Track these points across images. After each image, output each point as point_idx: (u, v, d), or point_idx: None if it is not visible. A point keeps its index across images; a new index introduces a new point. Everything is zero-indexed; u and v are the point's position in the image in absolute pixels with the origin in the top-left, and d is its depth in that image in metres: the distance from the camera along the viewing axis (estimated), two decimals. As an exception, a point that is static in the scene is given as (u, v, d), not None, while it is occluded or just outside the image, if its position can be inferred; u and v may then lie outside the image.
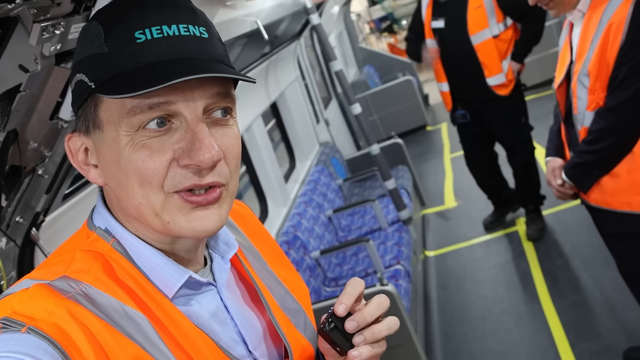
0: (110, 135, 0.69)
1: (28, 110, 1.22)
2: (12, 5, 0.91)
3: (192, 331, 0.73)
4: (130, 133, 0.67)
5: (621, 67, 1.85)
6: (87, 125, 0.72)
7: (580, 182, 2.11)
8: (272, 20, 3.87)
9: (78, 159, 0.75)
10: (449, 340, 3.37)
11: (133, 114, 0.66)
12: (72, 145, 0.75)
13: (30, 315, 0.62)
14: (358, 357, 0.77)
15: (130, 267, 0.72)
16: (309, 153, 5.14)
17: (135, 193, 0.69)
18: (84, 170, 0.75)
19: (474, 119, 3.97)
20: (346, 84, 4.14)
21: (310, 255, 3.52)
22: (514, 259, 3.97)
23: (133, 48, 0.67)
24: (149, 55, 0.67)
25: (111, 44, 0.67)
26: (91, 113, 0.71)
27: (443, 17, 3.79)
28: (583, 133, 2.05)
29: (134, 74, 0.66)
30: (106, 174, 0.73)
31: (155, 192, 0.69)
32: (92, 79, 0.68)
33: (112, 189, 0.73)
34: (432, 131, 7.78)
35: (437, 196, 5.52)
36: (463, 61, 3.78)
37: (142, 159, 0.67)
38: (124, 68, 0.66)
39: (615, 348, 2.78)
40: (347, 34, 9.85)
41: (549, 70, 7.00)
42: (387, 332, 0.79)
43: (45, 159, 1.42)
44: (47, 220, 1.62)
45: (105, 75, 0.67)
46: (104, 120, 0.69)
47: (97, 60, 0.68)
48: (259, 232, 0.99)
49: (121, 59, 0.67)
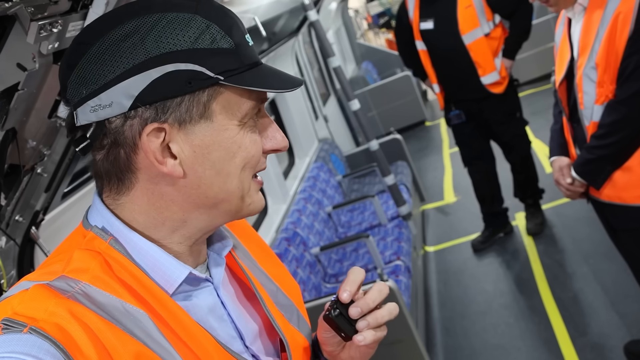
0: (221, 125, 0.72)
1: (26, 109, 1.22)
2: (10, 3, 0.91)
3: (193, 326, 0.73)
4: (242, 123, 0.74)
5: (631, 57, 1.81)
6: (188, 117, 0.70)
7: (593, 179, 2.05)
8: (270, 16, 3.87)
9: (155, 153, 0.71)
10: (449, 335, 3.38)
11: (255, 106, 0.75)
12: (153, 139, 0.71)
13: (31, 316, 0.62)
14: (363, 341, 0.81)
15: (129, 265, 0.72)
16: (308, 149, 5.14)
17: (232, 179, 0.75)
18: (161, 161, 0.71)
19: (468, 118, 3.95)
20: (344, 80, 4.14)
21: (310, 251, 3.52)
22: (514, 253, 3.97)
23: (249, 50, 0.74)
24: (255, 57, 0.75)
25: (235, 41, 0.72)
26: (202, 104, 0.71)
27: (432, 19, 3.75)
28: (591, 128, 2.01)
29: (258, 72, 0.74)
30: (192, 165, 0.72)
31: (249, 175, 0.77)
32: (217, 71, 0.70)
33: (192, 179, 0.73)
34: (431, 126, 7.78)
35: (437, 191, 5.52)
36: (455, 61, 3.75)
37: (251, 145, 0.75)
38: (246, 66, 0.73)
39: (616, 341, 2.78)
40: (345, 30, 9.85)
41: (546, 64, 7.01)
42: (388, 317, 0.84)
43: (44, 158, 1.42)
44: (47, 218, 1.62)
45: (236, 69, 0.72)
46: (217, 111, 0.72)
47: (220, 54, 0.71)
48: (246, 232, 1.00)
49: (244, 57, 0.73)
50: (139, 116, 0.69)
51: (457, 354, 3.21)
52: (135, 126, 0.69)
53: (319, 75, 6.84)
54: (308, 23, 5.01)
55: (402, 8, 4.04)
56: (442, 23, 3.71)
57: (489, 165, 4.17)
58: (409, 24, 3.94)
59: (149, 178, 0.73)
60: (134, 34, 0.68)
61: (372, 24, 13.60)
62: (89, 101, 0.69)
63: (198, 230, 0.78)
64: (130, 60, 0.68)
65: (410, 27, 3.92)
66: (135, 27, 0.68)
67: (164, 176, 0.72)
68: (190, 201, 0.74)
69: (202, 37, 0.70)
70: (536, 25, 6.87)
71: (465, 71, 3.74)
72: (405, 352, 2.66)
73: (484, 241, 4.20)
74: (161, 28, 0.69)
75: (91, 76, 0.69)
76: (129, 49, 0.68)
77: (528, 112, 3.97)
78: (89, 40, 0.70)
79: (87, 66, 0.69)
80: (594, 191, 2.11)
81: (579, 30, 1.99)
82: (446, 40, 3.73)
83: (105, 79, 0.68)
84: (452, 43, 3.70)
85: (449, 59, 3.78)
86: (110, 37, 0.69)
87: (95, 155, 0.74)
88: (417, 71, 4.18)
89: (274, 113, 5.03)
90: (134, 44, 0.68)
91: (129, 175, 0.73)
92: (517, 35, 3.74)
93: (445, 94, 3.99)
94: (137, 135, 0.70)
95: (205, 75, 0.69)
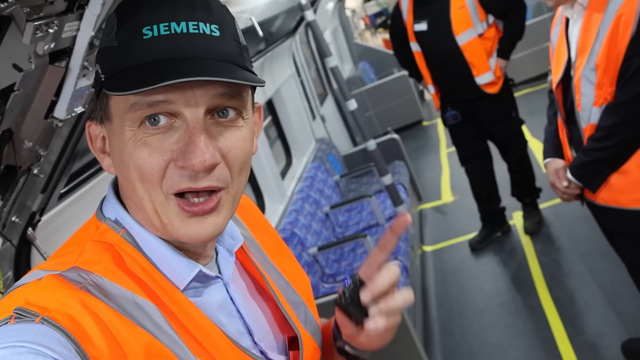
0: (117, 128, 0.70)
1: (22, 110, 1.22)
2: (5, 4, 0.91)
3: (204, 321, 0.73)
4: (133, 128, 0.68)
5: (632, 59, 1.79)
6: (102, 115, 0.73)
7: (589, 182, 2.02)
8: (267, 17, 3.87)
9: (96, 146, 0.76)
10: (447, 335, 3.38)
11: (134, 110, 0.67)
12: (92, 132, 0.76)
13: (44, 306, 0.62)
14: (374, 327, 0.78)
15: (140, 258, 0.73)
16: (306, 149, 5.14)
17: (138, 188, 0.70)
18: (100, 157, 0.76)
19: (464, 118, 3.96)
20: (342, 80, 4.13)
21: (307, 251, 3.52)
22: (512, 252, 3.98)
23: (140, 44, 0.67)
24: (152, 52, 0.66)
25: (120, 38, 0.68)
26: (104, 104, 0.72)
27: (425, 20, 3.75)
28: (588, 130, 1.98)
29: (135, 71, 0.66)
30: (115, 164, 0.74)
31: (156, 191, 0.69)
32: (103, 72, 0.70)
33: (120, 180, 0.75)
34: (428, 126, 7.78)
35: (434, 191, 5.53)
36: (449, 62, 3.76)
37: (141, 157, 0.68)
38: (130, 64, 0.67)
39: (614, 340, 2.79)
40: (342, 30, 9.85)
41: (543, 64, 7.02)
42: (402, 303, 0.80)
43: (40, 159, 1.41)
44: (43, 219, 1.62)
45: (114, 69, 0.68)
46: (113, 113, 0.70)
47: (108, 53, 0.70)
48: (260, 224, 1.00)
49: (128, 54, 0.67)
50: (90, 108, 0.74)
51: (455, 353, 3.21)
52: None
53: (316, 76, 6.84)
54: (305, 23, 5.01)
55: (396, 10, 4.05)
56: (435, 24, 3.72)
57: (485, 165, 4.18)
58: (403, 25, 3.95)
59: None
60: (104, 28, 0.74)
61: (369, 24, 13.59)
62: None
63: None
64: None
65: (405, 29, 3.93)
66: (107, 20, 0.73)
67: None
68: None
69: (110, 35, 0.70)
70: (532, 24, 6.89)
71: (460, 72, 3.74)
72: (403, 352, 2.66)
73: (482, 240, 4.21)
74: (104, 28, 0.73)
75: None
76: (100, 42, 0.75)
77: (525, 112, 3.97)
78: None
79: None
80: (589, 194, 2.09)
81: (577, 31, 1.97)
82: (440, 42, 3.73)
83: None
84: (446, 44, 3.71)
85: (444, 60, 3.79)
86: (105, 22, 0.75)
87: None
88: (412, 72, 4.19)
89: (270, 113, 5.03)
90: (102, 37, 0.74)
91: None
92: (511, 36, 3.74)
93: (440, 95, 4.01)
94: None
95: (99, 75, 0.71)
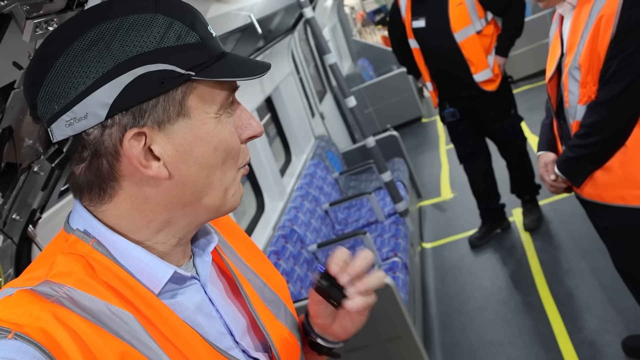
0: (198, 121, 0.72)
1: (23, 107, 1.22)
2: (5, 2, 0.91)
3: (180, 325, 0.73)
4: (219, 115, 0.74)
5: (612, 59, 1.83)
6: (166, 117, 0.70)
7: (573, 177, 2.08)
8: (266, 14, 3.87)
9: (139, 157, 0.70)
10: (447, 332, 3.39)
11: (228, 96, 0.75)
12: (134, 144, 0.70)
13: (16, 322, 0.62)
14: (355, 306, 0.84)
15: (113, 266, 0.72)
16: (305, 147, 5.14)
17: (215, 172, 0.75)
18: (144, 164, 0.70)
19: (463, 116, 3.95)
20: (341, 77, 4.13)
21: (307, 248, 3.52)
22: (511, 249, 3.98)
23: (214, 41, 0.74)
24: (220, 48, 0.75)
25: (201, 35, 0.72)
26: (177, 102, 0.70)
27: (424, 17, 3.75)
28: (575, 127, 2.03)
29: (228, 61, 0.74)
30: (176, 164, 0.72)
31: (233, 168, 0.78)
32: (187, 68, 0.70)
33: (177, 178, 0.73)
34: (427, 123, 7.78)
35: (434, 188, 5.53)
36: (447, 59, 3.75)
37: (230, 135, 0.76)
38: (216, 57, 0.73)
39: (614, 337, 2.80)
40: (341, 27, 9.85)
41: (542, 60, 7.00)
42: (377, 283, 0.87)
43: (40, 156, 1.41)
44: (44, 217, 1.62)
45: (205, 62, 0.72)
46: (192, 107, 0.72)
47: (188, 49, 0.71)
48: (231, 230, 1.00)
49: (213, 48, 0.73)
50: (117, 124, 0.68)
51: (455, 350, 3.21)
52: (114, 134, 0.69)
53: (315, 73, 6.84)
54: (304, 20, 5.00)
55: (394, 7, 4.04)
56: (433, 21, 3.71)
57: (484, 162, 4.18)
58: (401, 22, 3.94)
59: (133, 183, 0.72)
60: (99, 42, 0.67)
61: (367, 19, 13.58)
62: (62, 116, 0.68)
63: (182, 228, 0.78)
64: (99, 68, 0.67)
65: (403, 26, 3.92)
66: (99, 34, 0.67)
67: (148, 179, 0.72)
68: (176, 200, 0.74)
69: (167, 36, 0.69)
70: (532, 21, 6.89)
71: (458, 69, 3.74)
72: (403, 349, 2.66)
73: (481, 237, 4.21)
74: (124, 32, 0.68)
75: (61, 90, 0.68)
76: (96, 58, 0.67)
77: (524, 108, 3.97)
78: (52, 54, 0.68)
79: (55, 81, 0.68)
80: (577, 189, 2.13)
81: (568, 28, 2.00)
82: (438, 39, 3.73)
83: (77, 91, 0.67)
84: (444, 41, 3.70)
85: (442, 57, 3.78)
86: (75, 48, 0.67)
87: (75, 168, 0.73)
88: (410, 69, 4.19)
89: (269, 111, 5.03)
90: (99, 51, 0.67)
91: (112, 183, 0.72)
92: (509, 33, 3.74)
93: (439, 92, 4.00)
94: (117, 143, 0.69)
95: (177, 73, 0.69)
